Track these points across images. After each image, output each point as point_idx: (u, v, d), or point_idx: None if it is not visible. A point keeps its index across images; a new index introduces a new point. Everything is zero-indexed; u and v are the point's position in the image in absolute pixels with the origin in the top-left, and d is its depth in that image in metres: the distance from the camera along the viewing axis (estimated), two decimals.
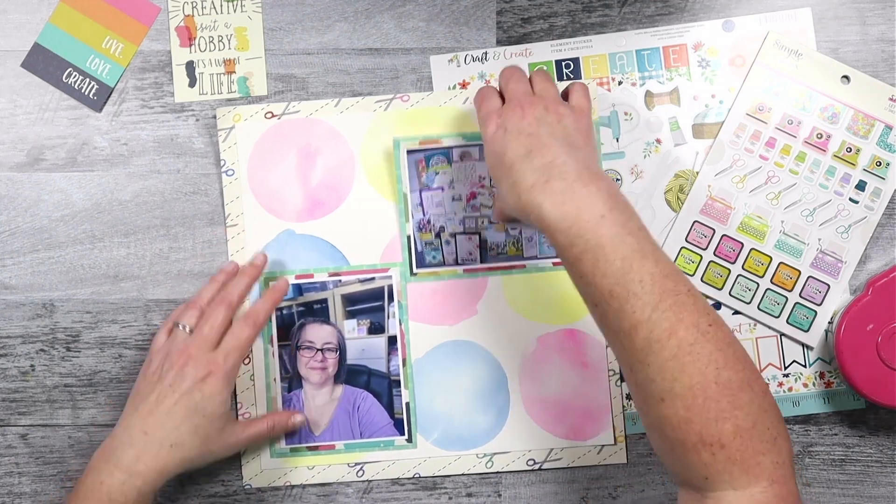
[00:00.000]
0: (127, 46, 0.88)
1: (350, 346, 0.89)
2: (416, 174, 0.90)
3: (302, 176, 0.90)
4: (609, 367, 0.89)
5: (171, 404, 0.79)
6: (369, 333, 0.90)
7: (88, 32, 0.89)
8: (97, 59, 0.88)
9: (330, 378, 0.89)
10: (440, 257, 0.90)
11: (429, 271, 0.89)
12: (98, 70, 0.88)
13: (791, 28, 0.90)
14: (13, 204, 0.90)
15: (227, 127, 0.89)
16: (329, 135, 0.90)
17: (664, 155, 0.90)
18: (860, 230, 0.89)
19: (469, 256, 0.90)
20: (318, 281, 0.89)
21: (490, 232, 0.90)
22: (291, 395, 0.89)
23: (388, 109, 0.90)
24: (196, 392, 0.79)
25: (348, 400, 0.89)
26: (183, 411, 0.79)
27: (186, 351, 0.80)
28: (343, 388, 0.89)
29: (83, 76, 0.88)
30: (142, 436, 0.79)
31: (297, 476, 0.89)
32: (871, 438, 0.90)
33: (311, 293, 0.90)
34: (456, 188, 0.90)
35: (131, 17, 0.88)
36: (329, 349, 0.89)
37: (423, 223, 0.90)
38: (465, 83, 0.90)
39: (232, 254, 0.89)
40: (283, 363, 0.89)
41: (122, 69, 0.88)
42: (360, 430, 0.89)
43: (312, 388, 0.89)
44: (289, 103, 0.90)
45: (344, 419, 0.89)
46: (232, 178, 0.90)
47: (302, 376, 0.89)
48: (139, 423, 0.80)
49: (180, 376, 0.79)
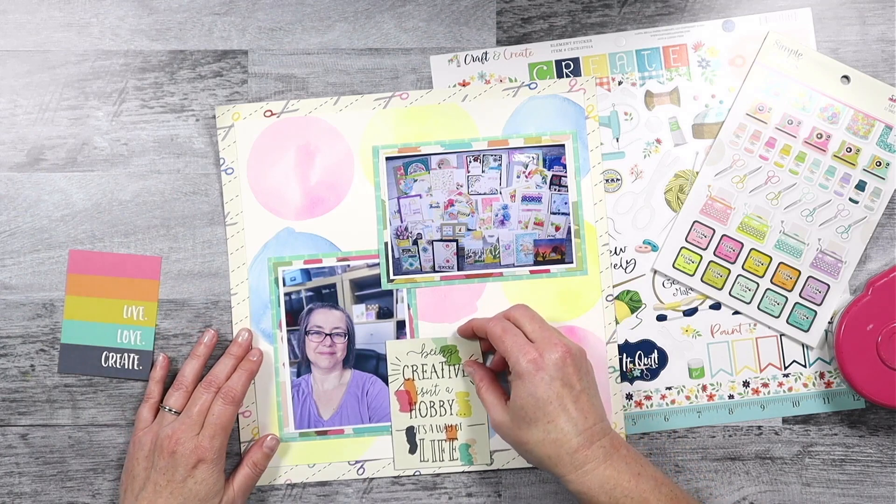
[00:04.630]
0: (147, 307, 0.89)
1: (359, 330, 0.90)
2: (394, 181, 0.90)
3: (301, 174, 0.90)
4: (609, 364, 0.89)
5: (167, 495, 0.81)
6: (378, 318, 0.90)
7: (105, 311, 0.89)
8: (125, 331, 0.89)
9: (339, 363, 0.90)
10: (417, 264, 0.90)
11: (405, 279, 0.90)
12: (131, 341, 0.89)
13: (791, 28, 0.90)
14: (13, 204, 0.90)
15: (226, 125, 0.90)
16: (328, 133, 0.90)
17: (664, 155, 0.90)
18: (860, 230, 0.89)
19: (446, 264, 0.90)
20: (326, 266, 0.90)
21: (467, 239, 0.90)
22: (300, 381, 0.90)
23: (388, 107, 0.90)
24: (189, 480, 0.82)
25: (357, 384, 0.90)
26: (180, 499, 0.82)
27: (174, 436, 0.82)
28: (352, 372, 0.90)
29: (120, 353, 0.89)
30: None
31: (297, 474, 0.89)
32: (871, 438, 0.90)
33: (319, 278, 0.90)
34: (434, 195, 0.90)
35: (138, 279, 0.89)
36: (338, 334, 0.90)
37: (400, 230, 0.90)
38: (465, 82, 0.90)
39: (231, 252, 0.89)
40: (291, 348, 0.90)
41: (152, 329, 0.89)
42: (368, 415, 0.89)
43: (321, 372, 0.90)
44: (288, 101, 0.90)
45: (353, 404, 0.90)
46: (231, 177, 0.90)
47: (311, 361, 0.90)
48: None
49: (172, 465, 0.82)
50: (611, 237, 0.90)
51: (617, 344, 0.90)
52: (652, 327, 0.90)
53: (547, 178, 0.90)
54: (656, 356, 0.90)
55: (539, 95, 0.90)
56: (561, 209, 0.90)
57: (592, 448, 0.78)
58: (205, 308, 0.90)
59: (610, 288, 0.89)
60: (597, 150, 0.90)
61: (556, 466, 0.78)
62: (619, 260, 0.90)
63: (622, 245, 0.90)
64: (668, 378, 0.90)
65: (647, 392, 0.90)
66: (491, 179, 0.90)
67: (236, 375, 0.86)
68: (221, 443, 0.83)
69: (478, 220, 0.90)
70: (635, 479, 0.78)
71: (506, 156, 0.90)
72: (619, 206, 0.90)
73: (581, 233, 0.90)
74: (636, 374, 0.90)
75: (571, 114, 0.90)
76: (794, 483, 0.90)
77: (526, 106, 0.90)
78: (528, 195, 0.90)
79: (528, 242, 0.90)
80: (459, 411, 0.89)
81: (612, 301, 0.90)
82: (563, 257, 0.90)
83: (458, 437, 0.89)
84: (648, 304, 0.90)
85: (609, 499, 0.77)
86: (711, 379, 0.90)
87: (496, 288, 0.90)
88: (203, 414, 0.84)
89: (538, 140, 0.90)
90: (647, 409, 0.90)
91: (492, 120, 0.90)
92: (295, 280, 0.89)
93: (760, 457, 0.90)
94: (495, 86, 0.90)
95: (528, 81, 0.90)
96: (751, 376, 0.90)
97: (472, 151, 0.90)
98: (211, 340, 0.88)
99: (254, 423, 0.89)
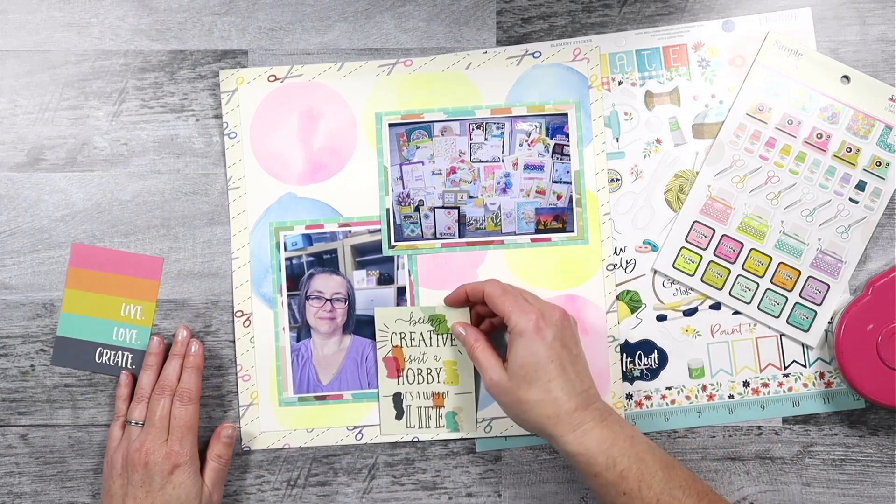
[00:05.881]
0: (145, 307, 0.89)
1: (359, 296, 0.90)
2: (397, 148, 0.90)
3: (304, 139, 0.90)
4: (609, 333, 0.89)
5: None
6: (378, 284, 0.90)
7: (103, 308, 0.89)
8: (121, 329, 0.89)
9: (338, 328, 0.90)
10: (419, 231, 0.90)
11: (406, 245, 0.90)
12: (126, 339, 0.89)
13: (791, 28, 0.90)
14: (13, 204, 0.90)
15: (230, 90, 0.90)
16: (331, 99, 0.90)
17: (664, 155, 0.90)
18: (860, 230, 0.89)
19: (447, 231, 0.90)
20: (327, 231, 0.90)
21: (469, 207, 0.90)
22: (300, 345, 0.90)
23: (391, 74, 0.90)
24: (168, 486, 0.82)
25: (357, 350, 0.90)
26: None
27: (143, 448, 0.83)
28: (352, 338, 0.90)
29: (114, 350, 0.89)
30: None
31: (295, 439, 0.89)
32: (871, 438, 0.90)
33: (320, 243, 0.90)
34: (436, 162, 0.90)
35: (138, 278, 0.89)
36: (338, 299, 0.90)
37: (402, 197, 0.90)
38: None
39: (233, 216, 0.89)
40: (291, 313, 0.90)
41: (148, 329, 0.89)
42: (367, 381, 0.90)
43: (321, 337, 0.90)
44: (292, 67, 0.90)
45: (352, 369, 0.90)
46: (234, 141, 0.90)
47: (311, 326, 0.90)
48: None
49: (147, 476, 0.82)
50: (614, 229, 0.90)
51: (616, 313, 0.90)
52: (652, 327, 0.90)
53: (549, 146, 0.90)
54: (656, 356, 0.90)
55: (543, 64, 0.90)
56: (563, 178, 0.90)
57: (589, 409, 0.80)
58: (205, 308, 0.90)
59: (611, 257, 0.90)
60: (599, 119, 0.90)
61: (556, 426, 0.79)
62: (619, 260, 0.90)
63: (622, 245, 0.90)
64: (668, 378, 0.90)
65: (647, 392, 0.90)
66: (493, 147, 0.90)
67: (186, 375, 0.86)
68: (192, 443, 0.84)
69: (480, 187, 0.90)
70: (630, 441, 0.79)
71: (508, 124, 0.90)
72: (619, 206, 0.90)
73: (583, 202, 0.90)
74: (636, 374, 0.90)
75: (575, 83, 0.90)
76: (794, 483, 0.90)
77: (529, 74, 0.90)
78: (531, 163, 0.90)
79: (529, 211, 0.90)
80: (447, 379, 0.89)
81: (613, 270, 0.90)
82: (565, 226, 0.90)
83: (445, 405, 0.89)
84: (648, 304, 0.90)
85: (606, 458, 0.78)
86: (711, 379, 0.90)
87: (497, 255, 0.90)
88: (165, 419, 0.84)
89: (541, 109, 0.90)
90: (647, 409, 0.90)
91: (495, 88, 0.90)
92: (296, 245, 0.90)
93: (760, 457, 0.90)
94: (499, 54, 0.90)
95: (532, 50, 0.90)
96: (751, 376, 0.90)
97: (475, 119, 0.90)
98: (158, 348, 0.88)
99: (253, 388, 0.89)
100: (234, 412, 0.90)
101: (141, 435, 0.84)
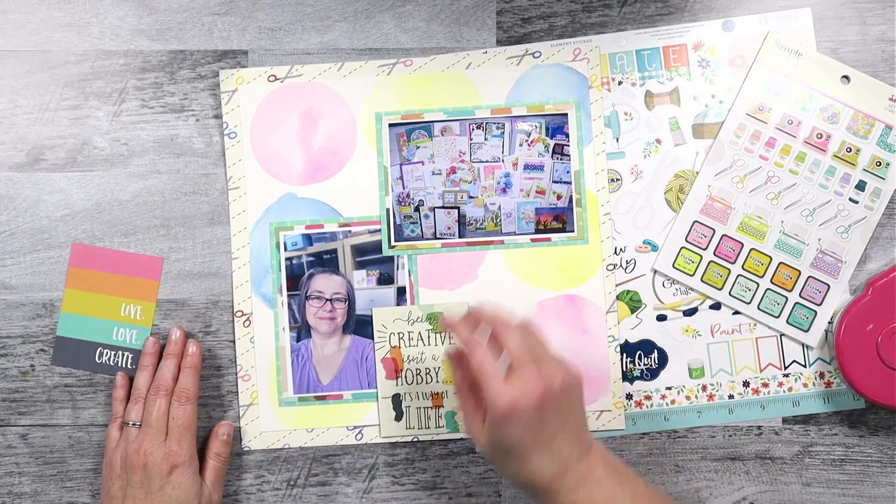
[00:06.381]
0: (145, 307, 0.89)
1: (359, 296, 0.90)
2: (397, 148, 0.90)
3: (304, 139, 0.90)
4: (609, 333, 0.89)
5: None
6: (378, 284, 0.90)
7: (103, 308, 0.89)
8: (121, 329, 0.89)
9: (338, 328, 0.90)
10: (419, 231, 0.90)
11: (406, 245, 0.90)
12: (126, 339, 0.89)
13: (791, 28, 0.90)
14: (13, 204, 0.90)
15: (230, 90, 0.90)
16: (331, 99, 0.90)
17: (664, 155, 0.90)
18: (860, 230, 0.89)
19: (447, 231, 0.90)
20: (327, 231, 0.90)
21: (469, 207, 0.90)
22: (300, 345, 0.90)
23: (391, 74, 0.90)
24: (167, 487, 0.82)
25: (357, 350, 0.90)
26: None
27: (141, 449, 0.83)
28: (352, 338, 0.90)
29: (114, 350, 0.89)
30: None
31: (295, 439, 0.89)
32: (871, 438, 0.90)
33: (320, 243, 0.90)
34: (436, 162, 0.90)
35: (138, 278, 0.89)
36: (338, 299, 0.90)
37: (402, 197, 0.90)
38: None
39: (233, 216, 0.89)
40: (291, 313, 0.90)
41: (148, 329, 0.89)
42: (367, 381, 0.90)
43: (321, 337, 0.90)
44: (292, 67, 0.90)
45: (352, 369, 0.90)
46: (234, 141, 0.90)
47: (311, 326, 0.90)
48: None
49: (146, 477, 0.82)
50: (614, 229, 0.90)
51: (616, 313, 0.90)
52: (652, 327, 0.90)
53: (549, 146, 0.90)
54: (656, 356, 0.90)
55: (543, 64, 0.90)
56: (563, 178, 0.90)
57: (567, 478, 0.75)
58: (205, 308, 0.90)
59: (611, 257, 0.90)
60: (599, 119, 0.90)
61: (533, 495, 0.77)
62: (619, 260, 0.90)
63: (622, 245, 0.90)
64: (668, 378, 0.90)
65: (647, 392, 0.90)
66: (493, 147, 0.90)
67: (184, 375, 0.86)
68: (190, 444, 0.84)
69: (480, 187, 0.90)
70: (609, 501, 0.75)
71: (508, 124, 0.90)
72: (619, 206, 0.90)
73: (583, 202, 0.90)
74: (636, 374, 0.90)
75: (575, 83, 0.90)
76: (794, 483, 0.90)
77: (529, 74, 0.90)
78: (531, 163, 0.90)
79: (529, 211, 0.90)
80: (445, 379, 0.89)
81: (613, 270, 0.90)
82: (565, 226, 0.90)
83: (444, 405, 0.90)
84: (648, 304, 0.90)
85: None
86: (711, 379, 0.90)
87: (497, 255, 0.90)
88: (162, 419, 0.84)
89: (541, 109, 0.90)
90: (647, 409, 0.90)
91: (495, 88, 0.90)
92: (296, 245, 0.90)
93: (760, 457, 0.90)
94: (499, 54, 0.90)
95: (532, 50, 0.90)
96: (751, 376, 0.90)
97: (475, 119, 0.90)
98: (154, 348, 0.88)
99: (253, 388, 0.89)
100: (234, 412, 0.90)
101: (139, 436, 0.84)
